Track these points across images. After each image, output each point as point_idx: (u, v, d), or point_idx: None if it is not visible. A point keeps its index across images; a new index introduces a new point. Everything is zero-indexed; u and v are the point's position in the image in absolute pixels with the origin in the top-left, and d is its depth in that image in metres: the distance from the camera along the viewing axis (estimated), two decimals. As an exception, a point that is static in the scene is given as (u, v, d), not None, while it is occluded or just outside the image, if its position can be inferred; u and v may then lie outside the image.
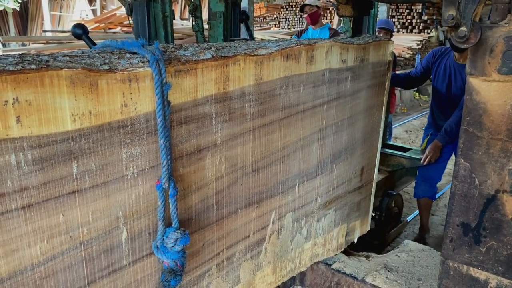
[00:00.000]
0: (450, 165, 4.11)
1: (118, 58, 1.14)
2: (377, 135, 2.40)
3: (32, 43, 10.50)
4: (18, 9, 14.26)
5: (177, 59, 1.24)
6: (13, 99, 0.91)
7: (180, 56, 1.26)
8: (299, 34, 5.05)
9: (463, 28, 1.44)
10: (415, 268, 2.26)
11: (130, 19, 2.30)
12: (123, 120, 1.13)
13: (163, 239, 1.27)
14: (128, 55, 1.17)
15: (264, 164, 1.66)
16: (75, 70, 1.00)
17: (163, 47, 1.31)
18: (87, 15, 15.53)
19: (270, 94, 1.59)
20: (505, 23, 1.43)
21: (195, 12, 2.56)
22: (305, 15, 4.85)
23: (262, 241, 1.75)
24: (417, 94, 10.28)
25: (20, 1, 13.59)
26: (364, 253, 2.53)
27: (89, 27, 12.52)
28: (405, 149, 3.89)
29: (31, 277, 1.02)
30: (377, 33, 4.17)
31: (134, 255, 1.25)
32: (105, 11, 14.30)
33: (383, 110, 2.38)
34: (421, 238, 3.87)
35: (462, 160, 1.62)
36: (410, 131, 8.05)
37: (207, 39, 2.67)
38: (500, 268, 1.63)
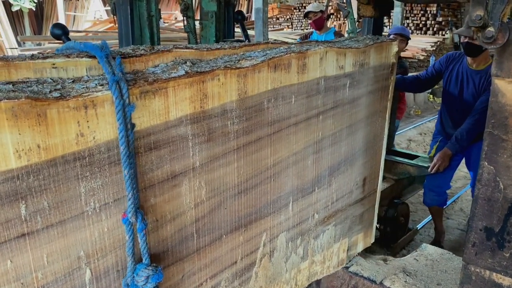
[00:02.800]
0: (465, 168, 4.00)
1: (73, 81, 1.01)
2: (380, 142, 2.25)
3: (48, 43, 10.46)
4: (34, 9, 14.30)
5: (143, 79, 1.11)
6: None
7: (147, 75, 1.13)
8: (305, 38, 4.93)
9: (491, 29, 1.39)
10: (434, 273, 2.19)
11: (115, 19, 2.18)
12: (79, 151, 1.01)
13: (134, 277, 1.15)
14: (85, 77, 1.04)
15: (252, 184, 1.53)
16: (17, 101, 0.88)
17: (132, 49, 1.18)
18: (101, 16, 15.46)
19: (256, 108, 1.46)
20: None
21: (187, 11, 2.43)
22: (309, 21, 4.73)
23: (251, 265, 1.63)
24: (431, 96, 10.07)
25: (36, 1, 13.60)
26: (381, 256, 2.46)
27: (104, 27, 12.55)
28: (412, 156, 3.73)
29: (-24, 331, 0.92)
30: None
31: (100, 296, 1.13)
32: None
33: (386, 116, 2.23)
34: (436, 242, 3.78)
35: (486, 164, 1.57)
36: (424, 133, 8.00)
37: (199, 40, 2.54)
38: None
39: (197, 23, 2.68)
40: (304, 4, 15.44)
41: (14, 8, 13.35)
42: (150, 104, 1.13)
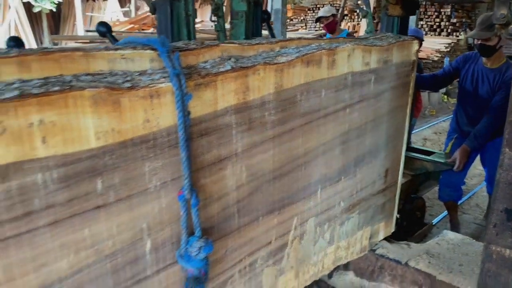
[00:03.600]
0: (480, 166, 4.16)
1: (140, 74, 1.15)
2: (401, 136, 2.37)
3: (75, 42, 10.74)
4: (55, 10, 14.63)
5: (197, 73, 1.25)
6: (38, 121, 0.94)
7: (200, 69, 1.27)
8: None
9: None
10: (456, 255, 2.31)
11: (154, 18, 2.31)
12: (145, 135, 1.15)
13: (187, 248, 1.29)
14: (149, 70, 1.18)
15: (285, 171, 1.66)
16: (97, 90, 1.03)
17: (184, 44, 1.31)
18: (117, 16, 15.74)
19: (290, 101, 1.59)
20: None
21: (217, 11, 2.57)
22: (322, 25, 4.85)
23: (284, 247, 1.76)
24: (445, 96, 10.24)
25: (56, 2, 13.92)
26: (404, 241, 2.59)
27: (124, 27, 12.90)
28: (428, 153, 3.87)
29: (60, 289, 1.06)
30: None
31: (158, 265, 1.28)
32: (139, 13, 14.67)
33: (407, 110, 2.34)
34: None
35: (508, 150, 1.72)
36: (439, 132, 8.25)
37: (228, 39, 2.67)
38: None
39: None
40: (318, 5, 15.55)
41: (35, 9, 13.68)
42: (202, 95, 1.27)
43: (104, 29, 1.98)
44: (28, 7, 13.74)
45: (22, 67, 0.94)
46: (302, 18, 16.68)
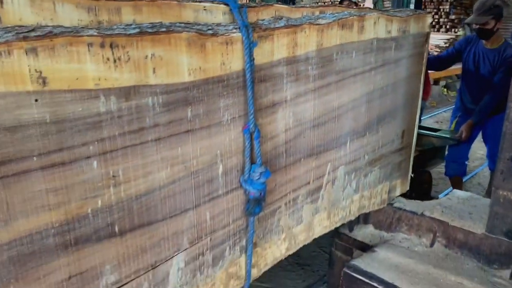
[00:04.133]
0: (482, 150, 4.48)
1: (217, 25, 1.41)
2: (416, 101, 2.63)
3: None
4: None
5: (258, 27, 1.51)
6: (151, 54, 1.20)
7: (259, 24, 1.53)
8: None
9: None
10: (465, 207, 2.62)
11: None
12: (221, 75, 1.41)
13: (250, 173, 1.55)
14: (223, 23, 1.44)
15: (323, 121, 1.93)
16: (190, 34, 1.28)
17: (244, 3, 1.57)
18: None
19: (328, 59, 1.85)
20: None
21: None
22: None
23: (319, 188, 2.02)
24: (445, 89, 10.80)
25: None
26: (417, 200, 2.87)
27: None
28: (435, 131, 4.21)
29: (158, 196, 1.32)
30: None
31: (227, 187, 1.54)
32: None
33: (421, 78, 2.60)
34: None
35: None
36: (440, 121, 8.87)
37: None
38: None
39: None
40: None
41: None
42: (262, 46, 1.53)
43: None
44: None
45: (136, 9, 1.20)
46: (304, 14, 16.92)
